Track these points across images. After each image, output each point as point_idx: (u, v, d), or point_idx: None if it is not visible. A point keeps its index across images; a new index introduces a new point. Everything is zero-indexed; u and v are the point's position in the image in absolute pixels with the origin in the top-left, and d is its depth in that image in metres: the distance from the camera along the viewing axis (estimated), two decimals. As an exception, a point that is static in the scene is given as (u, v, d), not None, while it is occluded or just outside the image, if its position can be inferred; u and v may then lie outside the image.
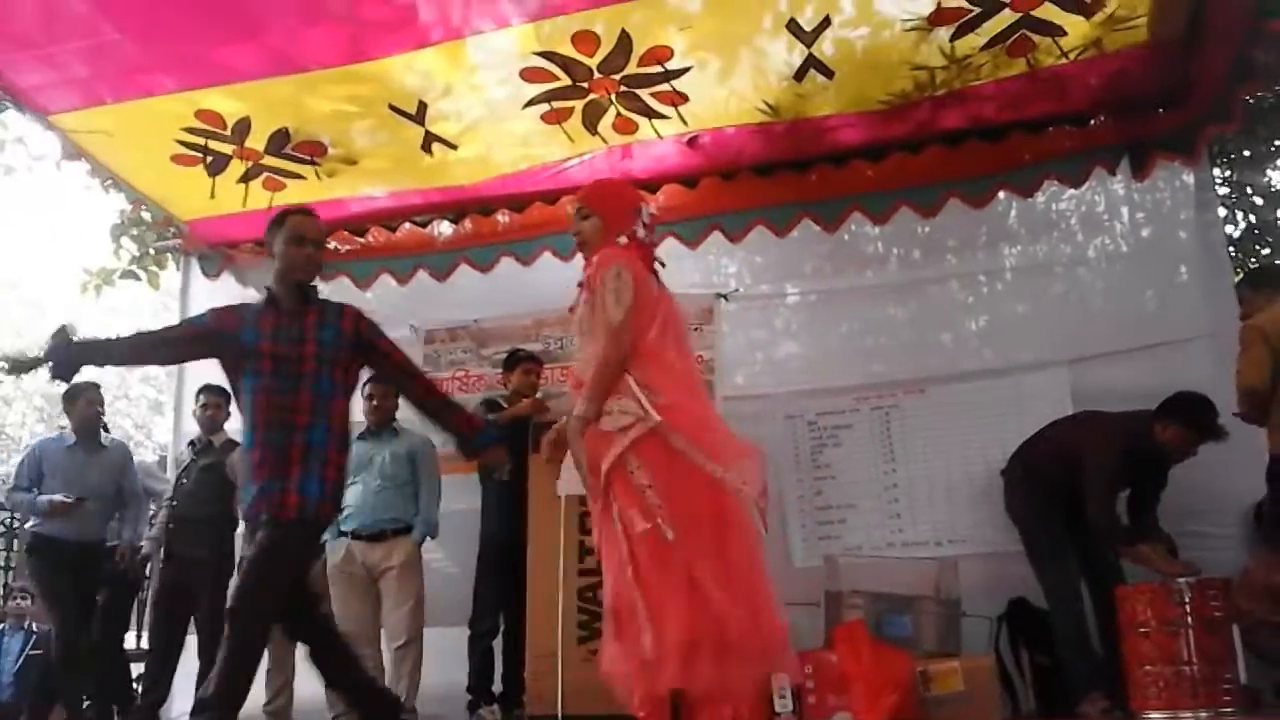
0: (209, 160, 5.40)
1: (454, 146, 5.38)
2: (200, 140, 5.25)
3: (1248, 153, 8.73)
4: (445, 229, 6.20)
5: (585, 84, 4.91)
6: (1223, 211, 7.87)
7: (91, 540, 5.69)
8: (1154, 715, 4.07)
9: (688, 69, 4.82)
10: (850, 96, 5.11)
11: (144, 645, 6.17)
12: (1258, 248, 9.29)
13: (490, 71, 4.81)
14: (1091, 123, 5.39)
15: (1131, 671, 4.17)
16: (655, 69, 4.81)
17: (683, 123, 5.26)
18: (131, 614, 6.58)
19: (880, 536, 5.47)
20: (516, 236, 5.92)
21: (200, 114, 5.02)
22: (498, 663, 5.21)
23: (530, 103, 5.04)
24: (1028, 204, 5.64)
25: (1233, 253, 8.07)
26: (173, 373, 7.18)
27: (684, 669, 2.87)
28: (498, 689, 5.18)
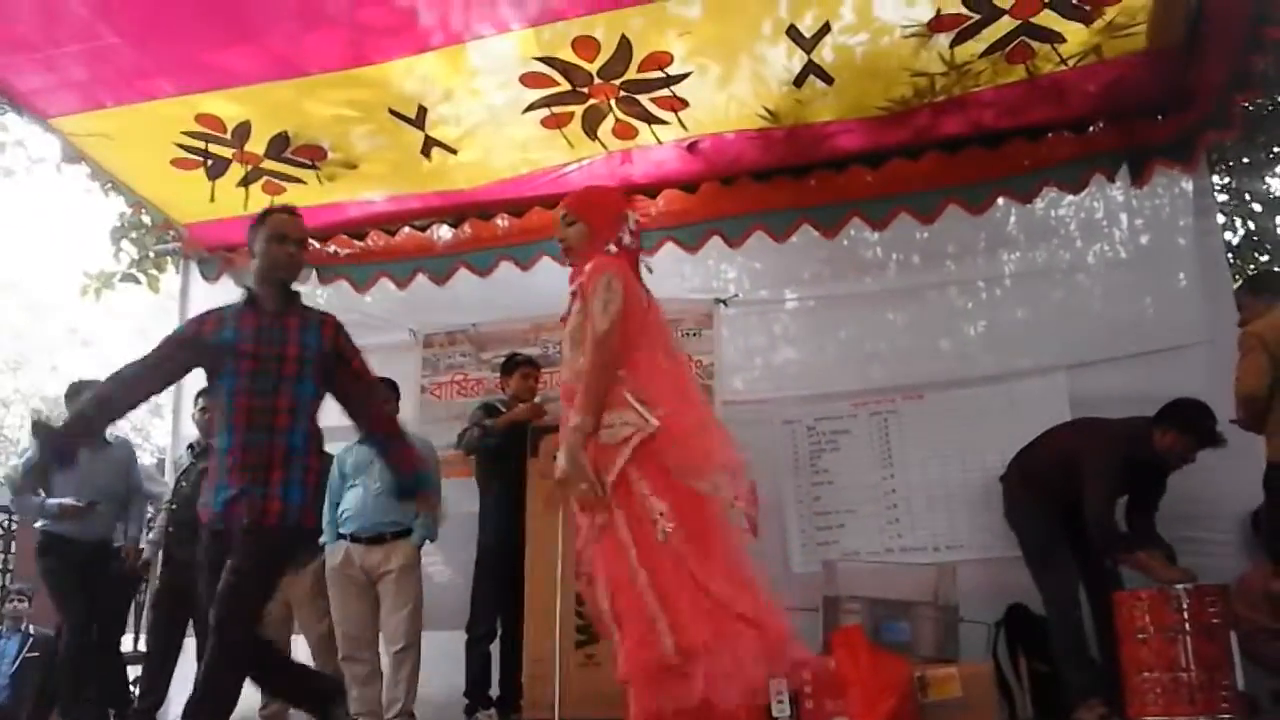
0: (209, 164, 5.40)
1: (454, 151, 5.38)
2: (200, 144, 5.25)
3: (1246, 160, 8.74)
4: (444, 233, 6.21)
5: (585, 89, 4.92)
6: (1221, 218, 7.89)
7: (102, 539, 5.70)
8: (1151, 721, 4.06)
9: (688, 74, 4.83)
10: (850, 102, 5.12)
11: (141, 648, 6.17)
12: (1256, 255, 9.29)
13: (490, 76, 4.82)
14: (1090, 129, 5.39)
15: (1129, 678, 4.16)
16: (655, 74, 4.81)
17: (682, 128, 5.27)
18: (129, 616, 6.58)
19: (879, 542, 5.46)
20: (516, 241, 5.92)
21: (200, 118, 5.02)
22: (495, 667, 5.21)
23: (530, 107, 5.04)
24: (1027, 210, 5.64)
25: (1231, 260, 8.07)
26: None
27: (707, 675, 2.87)
28: (495, 693, 5.18)
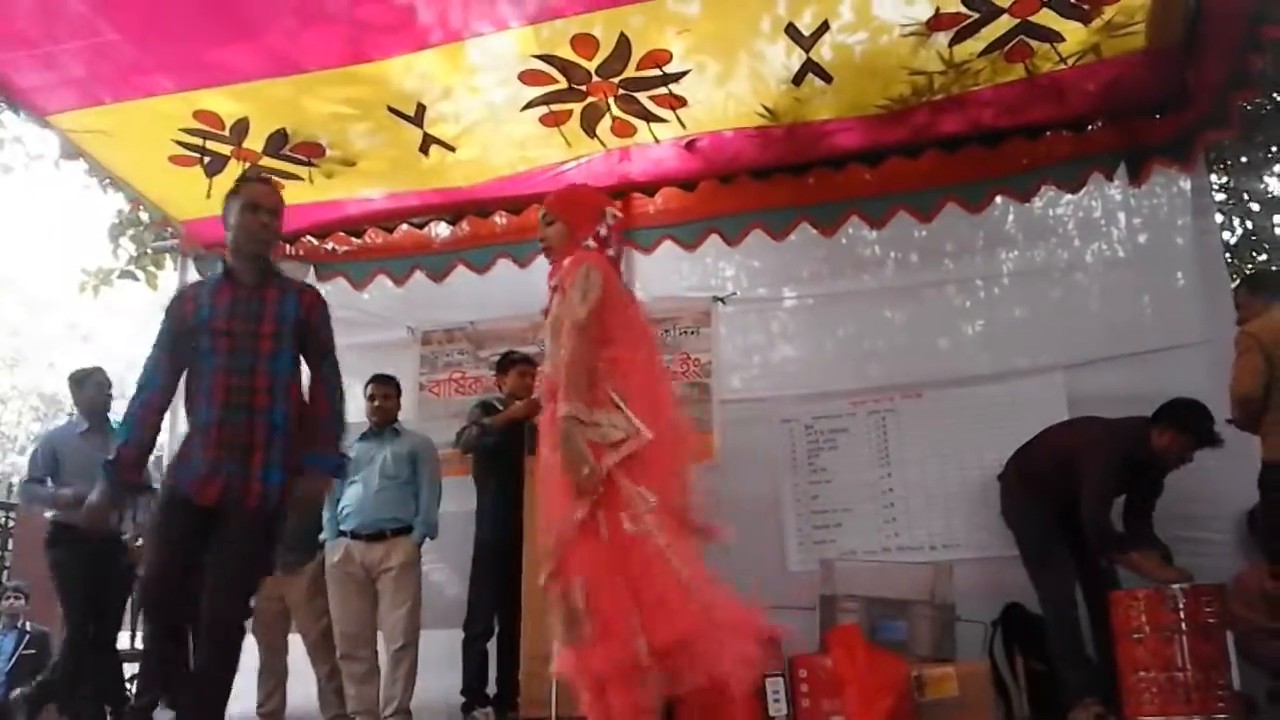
0: (207, 161, 5.39)
1: (452, 148, 5.38)
2: (198, 141, 5.24)
3: (1245, 159, 8.75)
4: (442, 230, 6.21)
5: (584, 87, 4.91)
6: (1220, 218, 7.90)
7: (111, 531, 5.67)
8: (1147, 721, 4.07)
9: (686, 72, 4.82)
10: (848, 101, 5.12)
11: (138, 645, 6.16)
12: (1254, 254, 9.32)
13: (489, 74, 4.81)
14: (1089, 128, 5.40)
15: (1125, 677, 4.17)
16: (654, 72, 4.81)
17: (681, 126, 5.27)
18: (124, 613, 6.56)
19: (876, 541, 5.47)
20: (514, 239, 5.91)
21: (198, 114, 5.01)
22: (492, 665, 5.21)
23: (529, 105, 5.04)
24: (1025, 209, 5.64)
25: (1229, 259, 8.09)
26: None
27: (679, 672, 2.88)
28: (492, 691, 5.18)
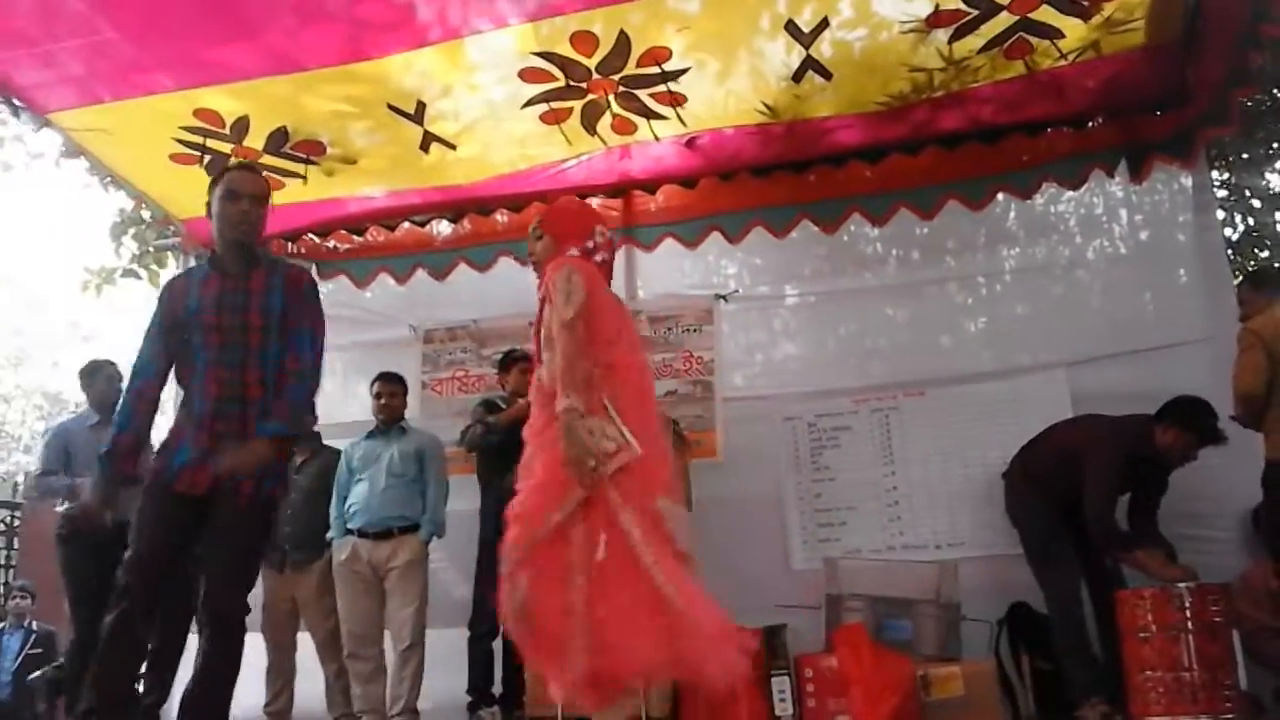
0: (207, 159, 5.38)
1: (452, 146, 5.38)
2: (199, 139, 5.23)
3: (1246, 155, 8.75)
4: (444, 228, 6.21)
5: (584, 84, 4.91)
6: (1221, 214, 7.89)
7: (120, 524, 5.62)
8: (1154, 720, 4.06)
9: (686, 70, 4.82)
10: (848, 98, 5.11)
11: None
12: (1256, 250, 9.31)
13: (489, 71, 4.81)
14: (1089, 125, 5.40)
15: (1131, 676, 4.16)
16: (654, 70, 4.81)
17: (681, 123, 5.26)
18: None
19: (880, 539, 5.45)
20: (515, 236, 5.88)
21: (199, 113, 5.01)
22: (498, 664, 5.20)
23: (529, 103, 5.04)
24: (1026, 206, 5.64)
25: (1231, 255, 8.07)
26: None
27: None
28: (498, 690, 5.17)
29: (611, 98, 5.04)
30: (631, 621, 2.88)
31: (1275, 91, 7.92)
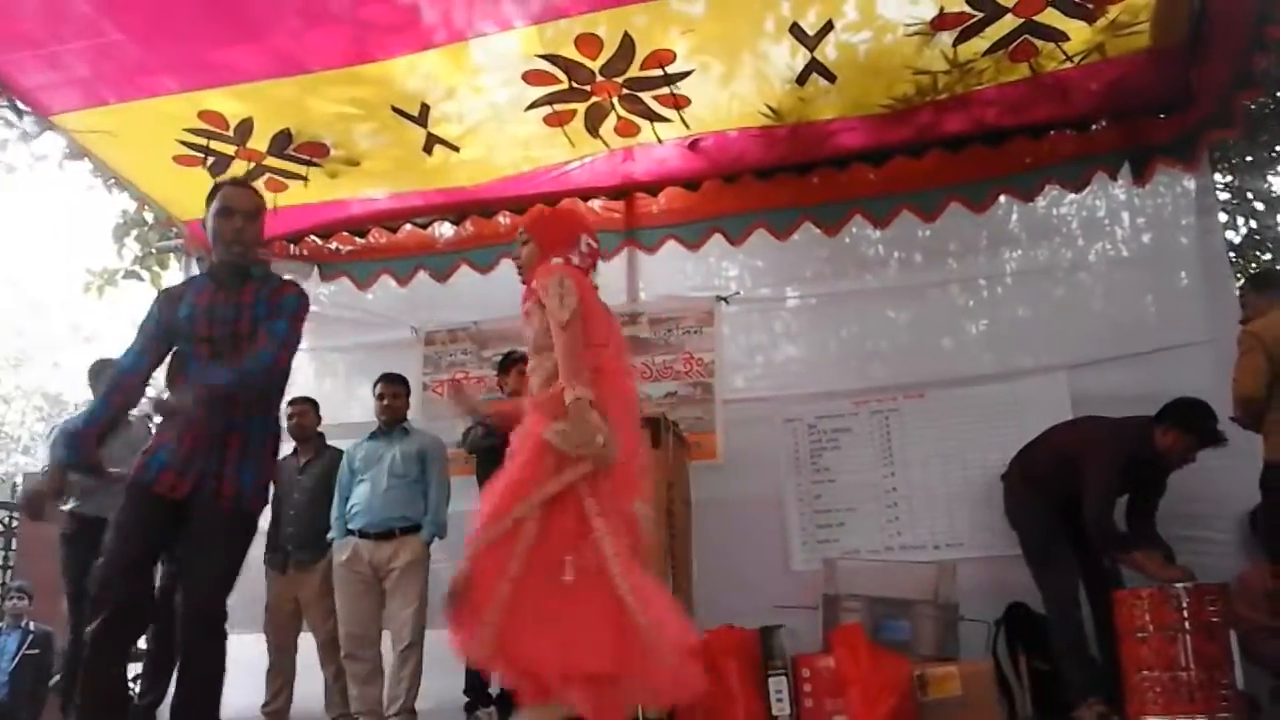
0: (211, 161, 5.40)
1: (456, 148, 5.39)
2: (202, 141, 5.25)
3: (1249, 158, 8.75)
4: (446, 230, 6.23)
5: (587, 87, 4.92)
6: (1224, 217, 7.90)
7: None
8: (1151, 721, 4.07)
9: (690, 72, 4.83)
10: (852, 100, 5.12)
11: (141, 644, 6.15)
12: (1259, 253, 9.31)
13: (493, 74, 4.82)
14: (1093, 128, 5.41)
15: (1129, 677, 4.17)
16: (657, 72, 4.81)
17: (684, 126, 5.27)
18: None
19: (879, 540, 5.46)
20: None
21: (203, 114, 5.02)
22: (496, 664, 5.21)
23: (533, 105, 5.05)
24: (1028, 208, 5.64)
25: (1234, 258, 8.09)
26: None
27: (589, 698, 2.93)
28: (495, 691, 5.18)
29: (615, 100, 5.05)
30: (584, 627, 2.93)
31: (1279, 94, 7.92)
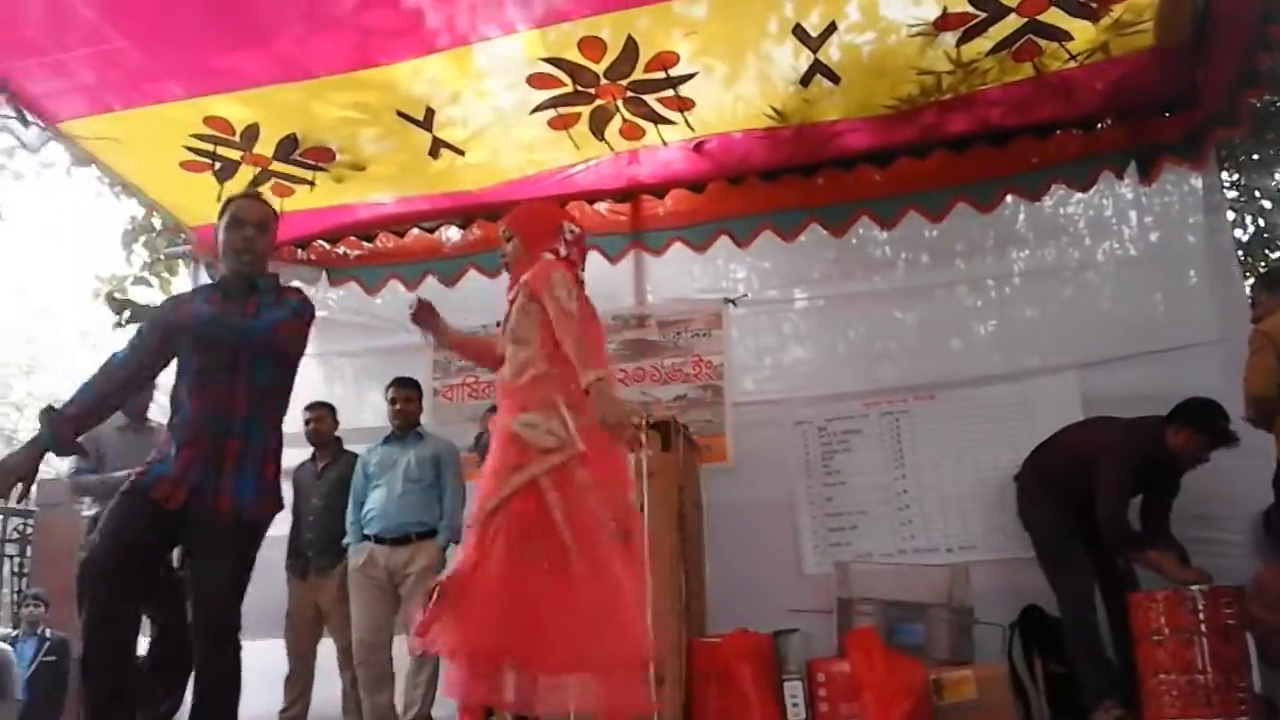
0: (218, 166, 5.40)
1: (461, 152, 5.39)
2: (209, 146, 5.25)
3: (1256, 156, 8.73)
4: (453, 234, 6.23)
5: (592, 90, 4.91)
6: (1231, 215, 7.86)
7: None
8: (1167, 724, 4.04)
9: (694, 74, 4.82)
10: (856, 101, 5.11)
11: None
12: (1267, 251, 9.28)
13: (497, 78, 4.81)
14: (1098, 127, 5.38)
15: (1145, 680, 4.14)
16: (661, 75, 4.80)
17: (689, 128, 5.26)
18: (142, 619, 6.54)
19: (892, 543, 5.43)
20: (524, 242, 5.91)
21: (209, 120, 5.02)
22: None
23: (537, 108, 5.04)
24: (1035, 208, 5.62)
25: (1242, 257, 8.06)
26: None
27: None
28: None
29: (619, 103, 5.04)
30: (531, 619, 2.97)
31: (1284, 93, 7.90)
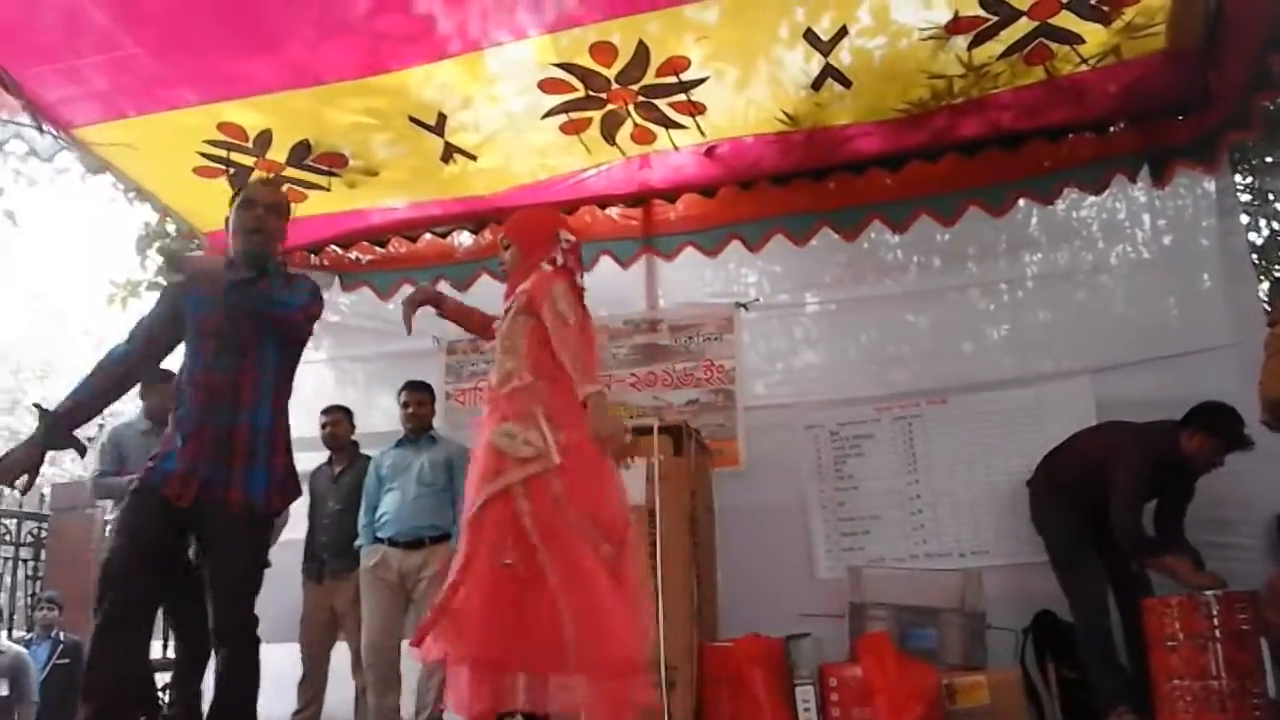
0: (231, 172, 5.42)
1: (473, 157, 5.40)
2: (222, 152, 5.26)
3: (1269, 159, 8.68)
4: (465, 239, 6.25)
5: (603, 95, 4.92)
6: (1245, 219, 7.81)
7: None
8: (1181, 729, 4.01)
9: (705, 79, 4.82)
10: (868, 105, 5.10)
11: (170, 654, 6.17)
12: (1281, 254, 9.22)
13: (509, 83, 4.82)
14: (1111, 130, 5.36)
15: (1159, 685, 4.12)
16: (672, 79, 4.80)
17: (700, 133, 5.26)
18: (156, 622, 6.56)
19: (904, 548, 5.42)
20: (536, 247, 5.92)
21: (222, 126, 5.04)
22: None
23: (549, 114, 5.05)
24: (1048, 212, 5.61)
25: (1256, 260, 8.02)
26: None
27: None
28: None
29: (631, 108, 5.04)
30: (519, 623, 3.03)
31: (1298, 95, 7.86)
